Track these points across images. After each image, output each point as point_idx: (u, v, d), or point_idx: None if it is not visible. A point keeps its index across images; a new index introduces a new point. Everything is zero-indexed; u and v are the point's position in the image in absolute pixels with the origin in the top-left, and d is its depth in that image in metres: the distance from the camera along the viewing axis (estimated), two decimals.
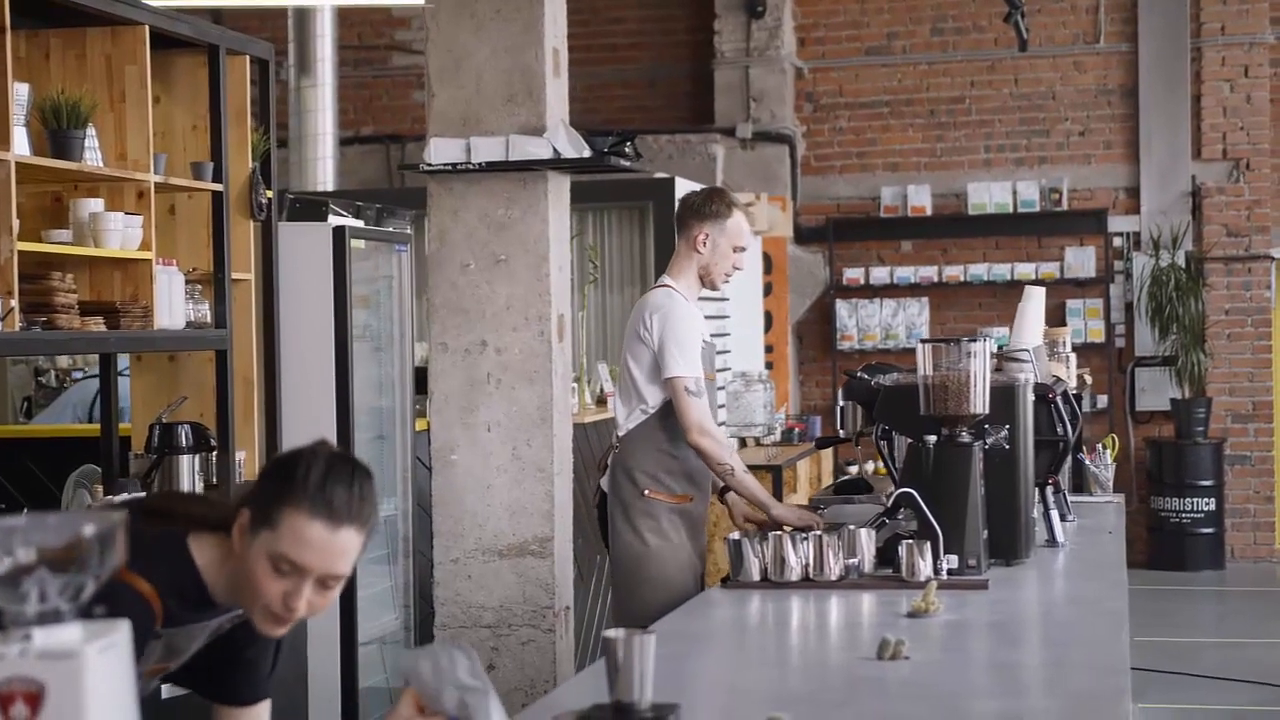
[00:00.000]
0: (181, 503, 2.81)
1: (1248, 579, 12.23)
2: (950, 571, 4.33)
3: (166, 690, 4.86)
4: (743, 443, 10.44)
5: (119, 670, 1.82)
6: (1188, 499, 12.35)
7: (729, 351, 10.67)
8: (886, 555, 4.42)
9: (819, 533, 4.41)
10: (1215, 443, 12.47)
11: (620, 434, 5.38)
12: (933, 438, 4.49)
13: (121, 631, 1.83)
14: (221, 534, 2.71)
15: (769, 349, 12.54)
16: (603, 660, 2.81)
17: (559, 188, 6.23)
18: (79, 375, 8.81)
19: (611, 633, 2.78)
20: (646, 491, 5.26)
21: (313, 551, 2.59)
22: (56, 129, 4.92)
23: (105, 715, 1.78)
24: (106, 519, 1.83)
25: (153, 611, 2.64)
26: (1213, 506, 12.37)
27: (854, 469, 12.21)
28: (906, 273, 12.98)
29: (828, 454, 11.33)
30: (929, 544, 4.29)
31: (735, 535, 4.44)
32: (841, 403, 5.28)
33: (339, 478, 2.62)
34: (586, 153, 6.08)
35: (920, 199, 13.00)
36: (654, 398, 5.24)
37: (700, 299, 5.47)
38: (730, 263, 5.37)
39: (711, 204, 5.37)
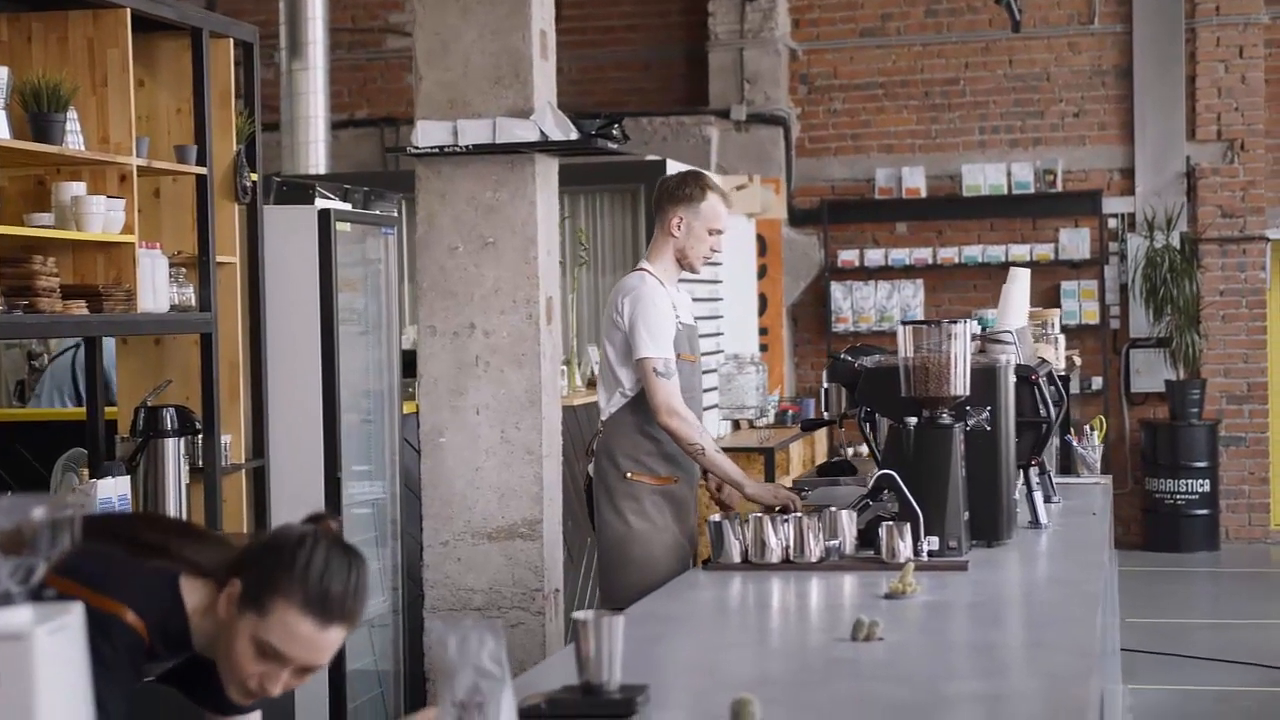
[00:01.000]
0: (177, 541, 2.76)
1: (1242, 560, 12.24)
2: (931, 553, 4.34)
3: None
4: (735, 425, 10.45)
5: (70, 652, 1.82)
6: (1182, 480, 12.36)
7: (722, 334, 10.68)
8: (868, 537, 4.42)
9: (799, 514, 4.41)
10: (1210, 424, 12.47)
11: (602, 418, 5.41)
12: (913, 419, 4.49)
13: (74, 614, 1.83)
14: (212, 584, 2.69)
15: (764, 331, 12.55)
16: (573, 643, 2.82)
17: (547, 170, 6.22)
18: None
19: (580, 615, 2.79)
20: (629, 474, 5.28)
21: (299, 646, 2.60)
22: (37, 112, 4.91)
23: (56, 697, 1.78)
24: (58, 504, 1.83)
25: (143, 643, 2.64)
26: (1207, 488, 12.38)
27: (849, 451, 12.22)
28: (901, 255, 12.97)
29: (821, 436, 11.33)
30: (909, 525, 4.30)
31: (716, 517, 4.45)
32: (826, 385, 5.28)
33: (336, 573, 2.62)
34: (573, 135, 6.07)
35: (915, 181, 12.99)
36: (630, 381, 5.26)
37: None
38: (706, 245, 5.37)
39: (685, 187, 5.37)
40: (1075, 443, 6.54)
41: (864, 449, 11.82)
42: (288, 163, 11.02)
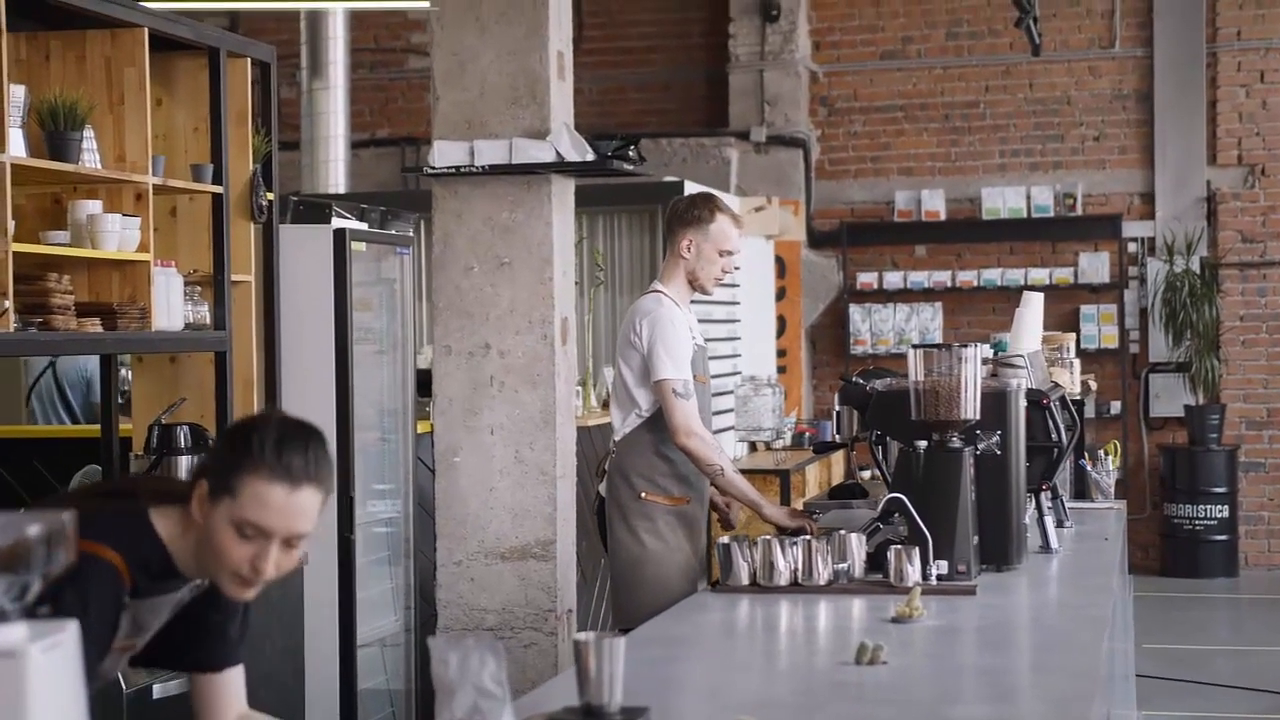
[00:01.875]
0: (142, 481, 2.90)
1: (1261, 586, 12.18)
2: (940, 577, 4.33)
3: (159, 690, 4.90)
4: (752, 447, 10.44)
5: (64, 670, 1.83)
6: (1201, 505, 12.31)
7: (739, 356, 10.68)
8: (877, 560, 4.42)
9: (808, 537, 4.41)
10: (1229, 449, 12.43)
11: (616, 438, 5.42)
12: (923, 443, 4.48)
13: (68, 631, 1.84)
14: (182, 507, 2.78)
15: (782, 353, 12.54)
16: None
17: (563, 191, 6.23)
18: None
19: (581, 636, 2.80)
20: (643, 494, 5.30)
21: (275, 514, 2.67)
22: (54, 130, 4.94)
23: (49, 715, 1.79)
24: (53, 519, 1.84)
25: (122, 579, 2.70)
26: (1226, 513, 12.33)
27: (866, 474, 12.20)
28: (920, 277, 12.96)
29: (839, 459, 11.32)
30: (918, 549, 4.29)
31: (725, 539, 4.45)
32: (838, 407, 5.28)
33: (293, 439, 2.71)
34: (589, 156, 6.08)
35: (934, 203, 12.98)
36: (646, 402, 5.28)
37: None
38: (717, 267, 5.39)
39: (694, 209, 5.41)
40: (1089, 467, 6.52)
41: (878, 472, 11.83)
42: (308, 182, 11.06)
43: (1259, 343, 12.66)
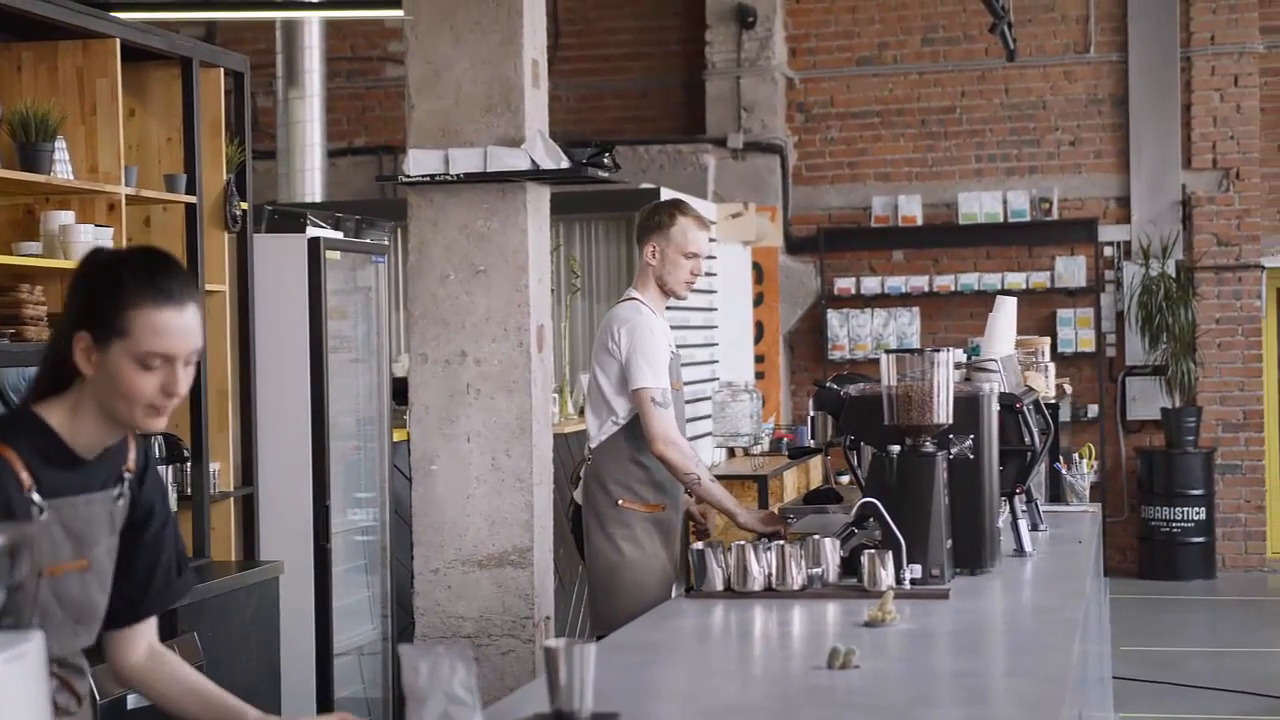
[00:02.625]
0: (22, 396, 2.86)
1: (1238, 588, 12.22)
2: (914, 581, 4.34)
3: (133, 701, 4.88)
4: (730, 453, 10.45)
5: (29, 681, 1.83)
6: (1178, 508, 12.35)
7: (716, 362, 10.69)
8: (852, 565, 4.42)
9: (782, 542, 4.42)
10: (1206, 452, 12.47)
11: (592, 445, 5.44)
12: (896, 448, 4.49)
13: (33, 642, 1.85)
14: (60, 395, 2.76)
15: (760, 359, 12.56)
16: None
17: (538, 199, 6.24)
18: None
19: (551, 642, 2.81)
20: (620, 501, 5.32)
21: (174, 338, 2.68)
22: (25, 141, 4.94)
23: None
24: (16, 530, 1.84)
25: (15, 471, 2.67)
26: (1203, 516, 12.37)
27: (845, 479, 12.20)
28: (897, 282, 12.99)
29: (816, 464, 11.33)
30: (891, 554, 4.30)
31: (699, 545, 4.46)
32: (813, 412, 5.30)
33: (160, 267, 2.72)
34: (564, 164, 6.09)
35: (911, 209, 13.02)
36: (623, 409, 5.29)
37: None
38: (685, 270, 5.43)
39: (656, 216, 5.46)
40: (1064, 471, 6.54)
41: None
42: (284, 191, 11.05)
43: (1235, 345, 12.71)
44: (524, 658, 5.73)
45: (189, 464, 5.73)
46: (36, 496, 2.69)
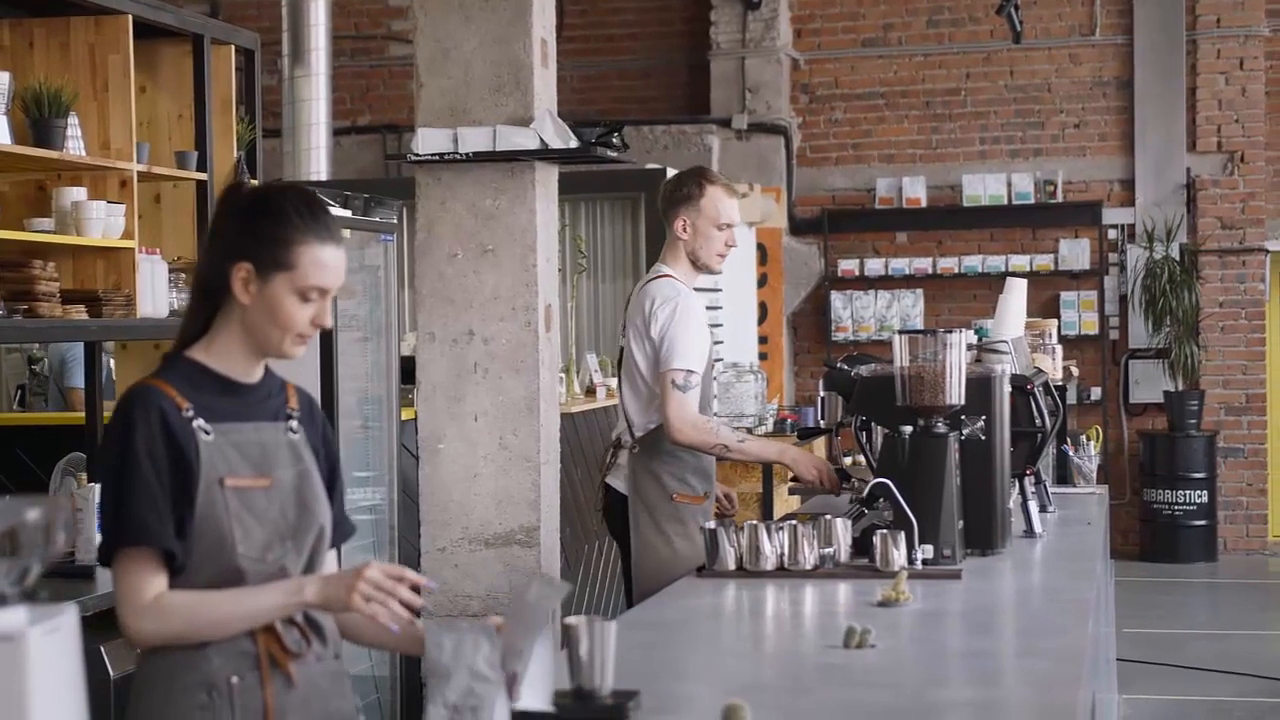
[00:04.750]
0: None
1: (1239, 571, 12.25)
2: (925, 561, 4.34)
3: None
4: None
5: (64, 653, 1.83)
6: (1180, 491, 12.37)
7: (721, 343, 10.69)
8: (863, 545, 4.43)
9: (795, 522, 4.41)
10: (1208, 435, 12.49)
11: (637, 433, 5.29)
12: (908, 428, 4.50)
13: (67, 615, 1.85)
14: (204, 335, 2.89)
15: (763, 340, 12.56)
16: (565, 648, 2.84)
17: (546, 178, 6.23)
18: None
19: (573, 620, 2.81)
20: (675, 496, 5.20)
21: (332, 273, 2.85)
22: (38, 118, 4.94)
23: (50, 698, 1.80)
24: (52, 504, 1.85)
25: (166, 393, 2.81)
26: (1205, 499, 12.39)
27: (848, 460, 12.21)
28: (901, 264, 12.99)
29: (820, 445, 11.34)
30: (903, 534, 4.31)
31: (711, 524, 4.46)
32: (822, 393, 5.29)
33: (317, 204, 2.89)
34: (573, 143, 6.08)
35: (915, 191, 13.01)
36: None
37: (695, 288, 5.39)
38: (719, 242, 5.23)
39: (683, 187, 5.27)
40: (1071, 453, 6.55)
41: (862, 458, 11.85)
42: (289, 169, 11.04)
43: (1238, 329, 12.72)
44: None
45: None
46: (200, 421, 2.80)
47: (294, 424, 2.97)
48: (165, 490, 2.77)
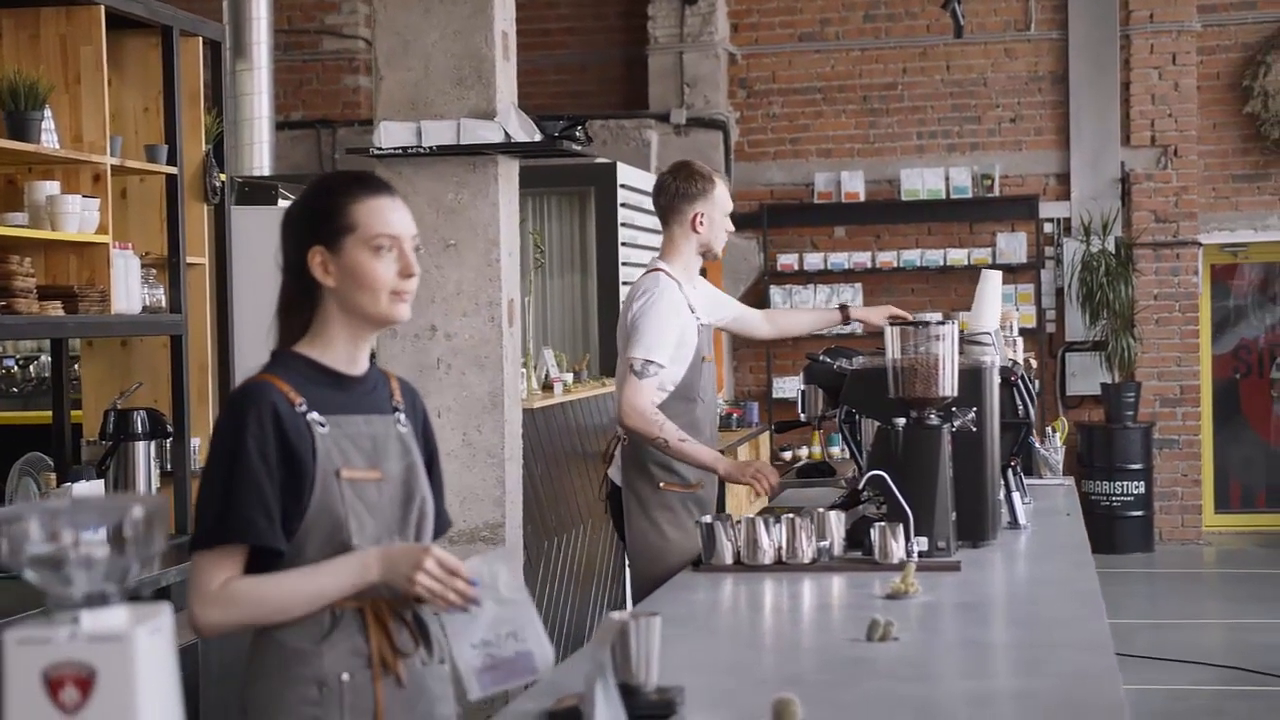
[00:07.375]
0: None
1: (1176, 561, 12.38)
2: (920, 554, 4.35)
3: None
4: None
5: (165, 652, 1.79)
6: (1117, 482, 12.49)
7: None
8: (854, 538, 4.43)
9: (792, 516, 4.40)
10: (1144, 426, 12.62)
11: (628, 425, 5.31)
12: (901, 420, 4.50)
13: (165, 615, 1.81)
14: (305, 332, 2.92)
15: None
16: (591, 642, 2.81)
17: (509, 172, 6.21)
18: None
19: (618, 615, 2.78)
20: (662, 484, 5.23)
21: (395, 218, 2.90)
22: (14, 110, 4.84)
23: (155, 696, 1.76)
24: (153, 501, 1.80)
25: (276, 388, 2.83)
26: (1142, 489, 12.52)
27: (804, 452, 12.26)
28: (840, 259, 13.03)
29: (764, 439, 11.37)
30: (901, 526, 4.31)
31: (707, 518, 4.45)
32: (802, 386, 5.27)
33: (359, 174, 2.97)
34: (537, 137, 6.07)
35: (854, 185, 13.05)
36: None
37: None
38: (725, 229, 5.47)
39: (696, 183, 5.38)
40: (1038, 444, 6.59)
41: (817, 450, 11.88)
42: (231, 164, 10.89)
43: (1172, 321, 12.86)
44: None
45: (170, 439, 5.64)
46: (314, 414, 2.83)
47: (402, 417, 2.97)
48: (275, 489, 2.78)
